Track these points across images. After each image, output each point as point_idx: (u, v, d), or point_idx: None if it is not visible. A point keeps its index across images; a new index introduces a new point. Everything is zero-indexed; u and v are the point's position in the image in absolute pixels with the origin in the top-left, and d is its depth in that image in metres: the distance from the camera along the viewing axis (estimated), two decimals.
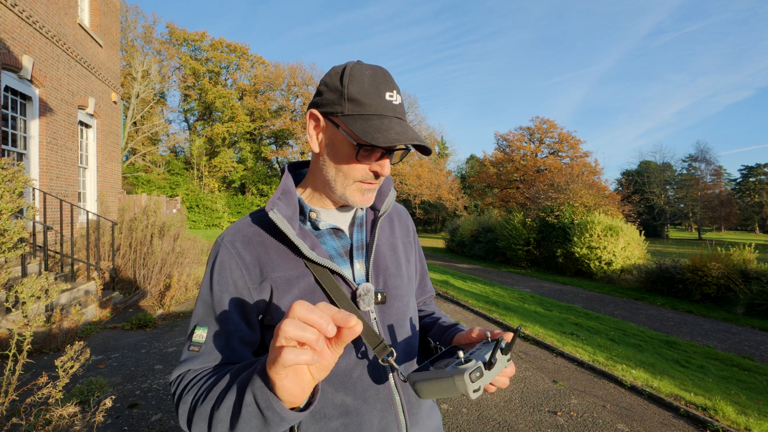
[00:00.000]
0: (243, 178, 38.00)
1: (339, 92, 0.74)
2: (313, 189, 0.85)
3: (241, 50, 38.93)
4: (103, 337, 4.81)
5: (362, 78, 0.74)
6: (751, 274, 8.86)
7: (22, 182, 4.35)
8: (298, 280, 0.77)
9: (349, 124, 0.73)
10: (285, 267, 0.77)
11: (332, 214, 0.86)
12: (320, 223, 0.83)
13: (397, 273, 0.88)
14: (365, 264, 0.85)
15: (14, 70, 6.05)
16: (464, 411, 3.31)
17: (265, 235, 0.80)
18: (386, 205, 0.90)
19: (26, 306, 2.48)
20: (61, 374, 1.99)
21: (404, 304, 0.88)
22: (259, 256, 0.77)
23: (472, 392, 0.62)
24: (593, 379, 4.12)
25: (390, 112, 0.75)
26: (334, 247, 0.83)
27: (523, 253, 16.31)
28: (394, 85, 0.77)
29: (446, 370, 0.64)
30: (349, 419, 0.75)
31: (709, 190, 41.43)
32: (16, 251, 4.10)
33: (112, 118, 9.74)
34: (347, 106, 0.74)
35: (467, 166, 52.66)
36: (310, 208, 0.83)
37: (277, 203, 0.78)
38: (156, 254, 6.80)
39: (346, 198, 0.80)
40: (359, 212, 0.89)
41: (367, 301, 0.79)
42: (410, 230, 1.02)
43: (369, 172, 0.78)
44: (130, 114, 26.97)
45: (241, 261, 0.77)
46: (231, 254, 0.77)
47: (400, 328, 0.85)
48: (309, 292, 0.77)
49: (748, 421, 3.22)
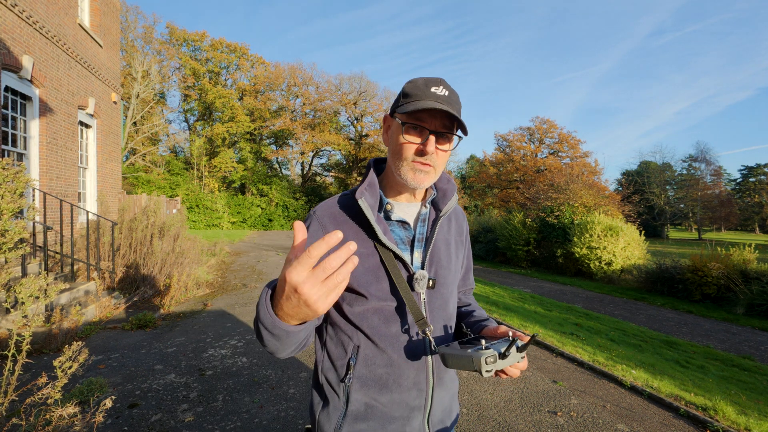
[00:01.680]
0: (243, 178, 37.97)
1: (399, 94, 0.97)
2: (387, 182, 1.04)
3: (241, 50, 38.91)
4: (102, 337, 4.81)
5: (417, 80, 0.94)
6: (751, 274, 8.86)
7: (23, 182, 4.35)
8: (367, 257, 0.95)
9: (399, 110, 0.94)
10: (359, 244, 0.94)
11: (402, 208, 1.04)
12: (392, 215, 1.00)
13: (447, 265, 1.06)
14: (423, 254, 1.02)
15: (14, 70, 6.05)
16: (464, 411, 3.31)
17: (347, 216, 0.98)
18: (448, 207, 1.06)
19: (25, 306, 2.48)
20: (60, 374, 1.98)
21: (449, 291, 1.06)
22: (341, 228, 0.96)
23: (484, 371, 0.80)
24: (593, 379, 4.11)
25: (431, 98, 0.91)
26: (400, 236, 1.01)
27: (523, 254, 16.30)
28: (443, 83, 0.93)
29: (468, 351, 0.84)
30: (392, 370, 0.96)
31: (709, 191, 41.43)
32: (16, 251, 4.10)
33: (112, 118, 9.74)
34: (401, 101, 0.95)
35: (467, 166, 52.62)
36: (387, 201, 1.01)
37: (365, 192, 0.96)
38: (156, 254, 6.80)
39: (404, 178, 0.95)
40: (423, 210, 1.05)
41: (421, 284, 0.97)
42: (464, 230, 1.19)
43: (417, 151, 0.93)
44: (130, 114, 26.96)
45: (325, 233, 0.94)
46: (319, 226, 0.97)
47: (443, 310, 1.04)
48: (374, 268, 0.95)
49: (748, 422, 3.22)
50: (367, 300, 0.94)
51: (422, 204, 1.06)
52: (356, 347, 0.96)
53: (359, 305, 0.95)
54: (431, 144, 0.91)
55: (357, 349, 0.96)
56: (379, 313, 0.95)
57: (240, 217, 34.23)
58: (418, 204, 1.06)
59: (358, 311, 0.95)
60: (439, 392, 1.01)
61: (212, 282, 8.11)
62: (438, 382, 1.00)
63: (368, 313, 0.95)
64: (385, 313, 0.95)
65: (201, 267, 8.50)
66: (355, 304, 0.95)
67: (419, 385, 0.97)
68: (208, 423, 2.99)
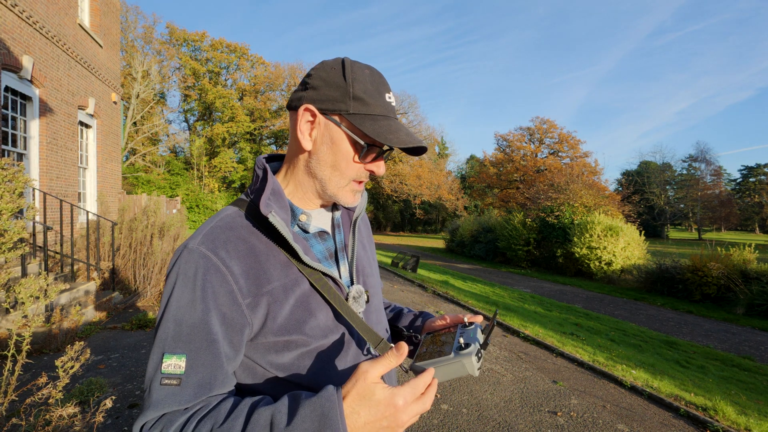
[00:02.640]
0: (243, 179, 37.98)
1: (342, 90, 0.73)
2: (294, 187, 0.81)
3: (241, 50, 38.93)
4: (103, 337, 4.81)
5: (364, 77, 0.74)
6: (751, 274, 8.87)
7: (23, 182, 4.35)
8: (293, 287, 0.73)
9: (357, 123, 0.72)
10: (279, 275, 0.72)
11: (316, 216, 0.84)
12: (309, 227, 0.81)
13: (371, 272, 0.92)
14: (348, 266, 0.85)
15: (14, 70, 6.05)
16: (464, 411, 3.31)
17: (251, 240, 0.73)
18: (361, 207, 0.91)
19: (25, 306, 2.48)
20: (61, 374, 1.98)
21: (379, 301, 0.92)
22: (250, 265, 0.70)
23: (477, 371, 0.70)
24: (593, 379, 4.12)
25: (391, 113, 0.77)
26: (320, 250, 0.82)
27: (523, 254, 16.30)
28: (388, 86, 0.79)
29: (451, 355, 0.70)
30: None
31: (709, 191, 41.46)
32: (16, 251, 4.10)
33: (112, 119, 9.74)
34: (352, 105, 0.72)
35: (467, 167, 52.66)
36: (301, 211, 0.81)
37: (271, 205, 0.72)
38: (156, 254, 6.80)
39: (338, 198, 0.79)
40: (336, 213, 0.89)
41: (360, 302, 0.81)
42: (368, 226, 1.03)
43: (365, 171, 0.77)
44: (130, 114, 26.97)
45: (228, 271, 0.67)
46: (213, 264, 0.67)
47: (379, 323, 0.88)
48: (306, 298, 0.74)
49: (748, 422, 3.22)
50: (305, 342, 0.72)
51: (333, 206, 0.89)
52: None
53: (291, 351, 0.71)
54: (383, 166, 0.79)
55: None
56: (323, 354, 0.74)
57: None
58: (329, 207, 0.88)
59: (289, 360, 0.71)
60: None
61: None
62: None
63: (305, 358, 0.72)
64: (329, 352, 0.74)
65: None
66: (285, 351, 0.71)
67: None
68: None
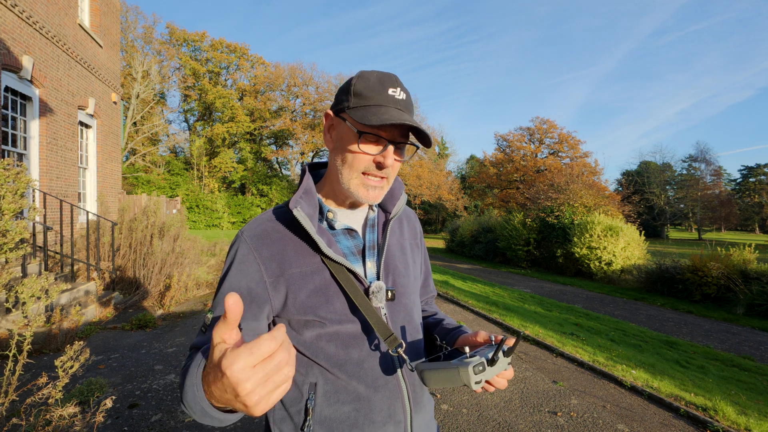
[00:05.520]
0: (243, 179, 38.02)
1: (347, 90, 0.82)
2: (330, 188, 0.90)
3: (241, 50, 38.94)
4: (103, 337, 4.81)
5: (369, 77, 0.81)
6: (751, 274, 8.86)
7: (24, 183, 4.35)
8: (313, 275, 0.82)
9: (352, 114, 0.79)
10: (301, 263, 0.82)
11: (346, 214, 0.92)
12: (336, 223, 0.88)
13: (405, 272, 0.94)
14: (376, 263, 0.90)
15: (14, 70, 6.05)
16: (464, 411, 3.31)
17: (284, 231, 0.84)
18: (397, 208, 0.96)
19: (26, 306, 2.48)
20: (61, 374, 1.99)
21: (411, 301, 0.94)
22: (277, 251, 0.82)
23: (474, 383, 0.69)
24: (593, 379, 4.12)
25: (391, 103, 0.80)
26: (348, 246, 0.89)
27: (523, 254, 16.30)
28: (399, 84, 0.82)
29: (452, 362, 0.72)
30: (360, 405, 0.81)
31: (709, 191, 41.43)
32: (17, 252, 4.10)
33: (112, 119, 9.74)
34: (352, 100, 0.81)
35: (467, 167, 52.63)
36: (328, 209, 0.89)
37: (300, 201, 0.82)
38: (156, 254, 6.80)
39: (352, 192, 0.84)
40: (371, 213, 0.94)
41: (379, 297, 0.85)
42: (417, 232, 1.08)
43: (372, 163, 0.81)
44: (130, 114, 26.97)
45: (259, 256, 0.81)
46: (249, 249, 0.82)
47: (408, 323, 0.91)
48: (324, 286, 0.82)
49: (749, 422, 3.22)
50: (321, 324, 0.81)
51: (369, 207, 0.94)
52: (313, 385, 0.81)
53: (310, 330, 0.81)
54: (390, 156, 0.81)
55: (314, 387, 0.81)
56: (336, 339, 0.81)
57: (240, 217, 34.25)
58: (363, 208, 0.94)
59: (309, 339, 0.81)
60: (418, 419, 0.88)
61: (212, 282, 8.10)
62: (416, 407, 0.87)
63: (322, 340, 0.81)
64: (342, 338, 0.82)
65: (201, 267, 8.49)
66: (305, 330, 0.81)
67: (395, 416, 0.83)
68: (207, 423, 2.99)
